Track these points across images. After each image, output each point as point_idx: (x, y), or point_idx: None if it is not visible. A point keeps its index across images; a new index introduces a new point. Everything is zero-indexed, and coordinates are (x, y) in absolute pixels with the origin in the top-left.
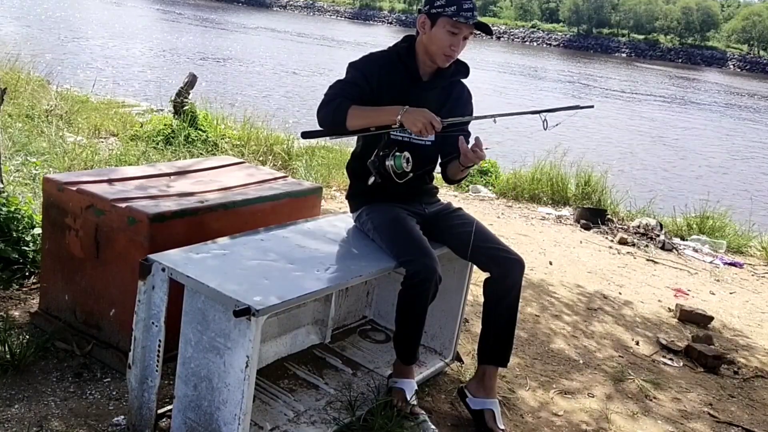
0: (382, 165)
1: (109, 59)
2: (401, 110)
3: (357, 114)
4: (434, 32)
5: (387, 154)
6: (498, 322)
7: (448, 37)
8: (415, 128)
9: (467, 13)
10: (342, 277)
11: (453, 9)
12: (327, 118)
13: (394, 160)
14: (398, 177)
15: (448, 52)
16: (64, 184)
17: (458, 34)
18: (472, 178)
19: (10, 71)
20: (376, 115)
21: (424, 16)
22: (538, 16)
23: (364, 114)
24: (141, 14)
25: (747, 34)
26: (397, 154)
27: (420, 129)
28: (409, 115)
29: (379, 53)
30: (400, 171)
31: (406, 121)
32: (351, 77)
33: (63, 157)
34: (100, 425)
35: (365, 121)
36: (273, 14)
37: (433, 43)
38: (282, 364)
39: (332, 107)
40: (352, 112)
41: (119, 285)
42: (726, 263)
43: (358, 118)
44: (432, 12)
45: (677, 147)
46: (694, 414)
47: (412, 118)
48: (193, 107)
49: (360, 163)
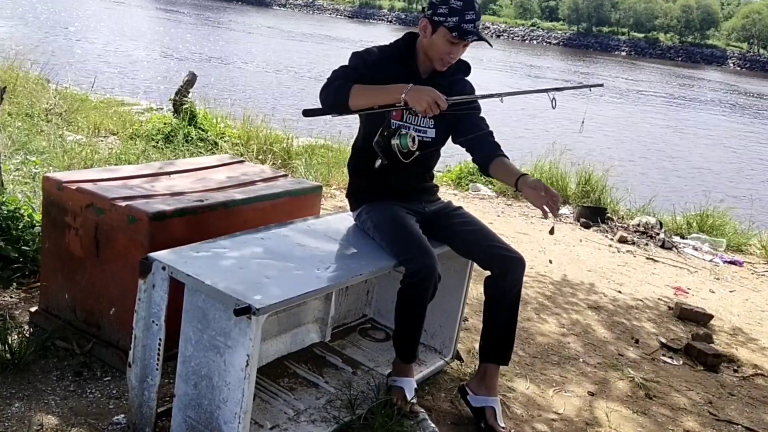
0: (387, 144)
1: (108, 58)
2: (406, 88)
3: (360, 93)
4: (434, 39)
5: (393, 133)
6: (499, 321)
7: (447, 45)
8: (420, 107)
9: (468, 25)
10: (342, 276)
11: (455, 20)
12: (329, 97)
13: (400, 139)
14: (404, 156)
15: (447, 60)
16: (63, 182)
17: (457, 44)
18: (472, 177)
19: (9, 70)
20: (379, 93)
21: (426, 20)
22: (537, 15)
23: (368, 92)
24: (140, 13)
25: (747, 32)
26: (403, 132)
27: (425, 108)
28: (414, 93)
29: (382, 47)
30: (405, 150)
31: (410, 99)
32: (353, 63)
33: (63, 155)
34: (100, 424)
35: (369, 99)
36: (273, 13)
37: (433, 49)
38: (282, 362)
39: (334, 87)
40: (356, 91)
41: (119, 284)
42: (726, 261)
43: (362, 97)
44: (434, 19)
45: (677, 145)
46: (693, 412)
47: (416, 96)
48: (193, 106)
49: (361, 158)
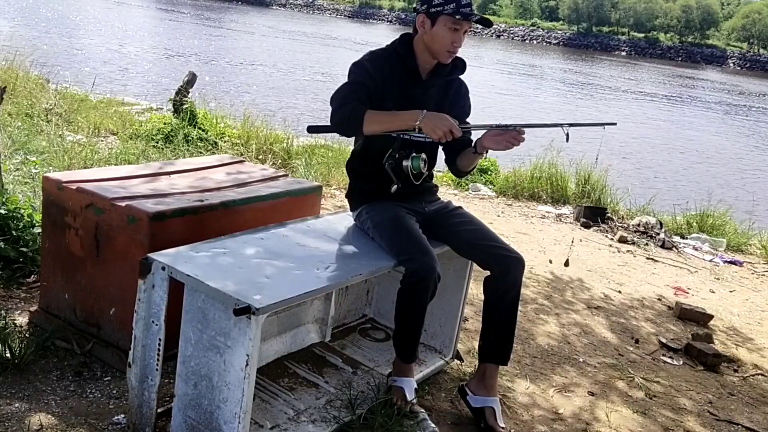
0: (399, 166)
1: (108, 58)
2: (420, 116)
3: (374, 119)
4: (435, 31)
5: (404, 155)
6: (498, 321)
7: (449, 34)
8: (435, 135)
9: (466, 9)
10: (342, 276)
11: (452, 7)
12: (342, 122)
13: (412, 161)
14: (415, 178)
15: (451, 49)
16: (63, 182)
17: (459, 29)
18: (472, 177)
19: (9, 70)
20: (395, 120)
21: (423, 15)
22: (537, 15)
23: (382, 119)
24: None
25: (747, 32)
26: (415, 155)
27: (440, 136)
28: (429, 121)
29: (380, 51)
30: (417, 172)
31: (425, 128)
32: (357, 77)
33: (62, 155)
34: (100, 424)
35: (383, 126)
36: (273, 13)
37: (435, 41)
38: (282, 362)
39: (347, 111)
40: (369, 117)
41: (119, 283)
42: (726, 261)
43: (376, 124)
44: (431, 11)
45: (677, 145)
46: (693, 412)
47: (431, 125)
48: (193, 106)
49: (360, 162)
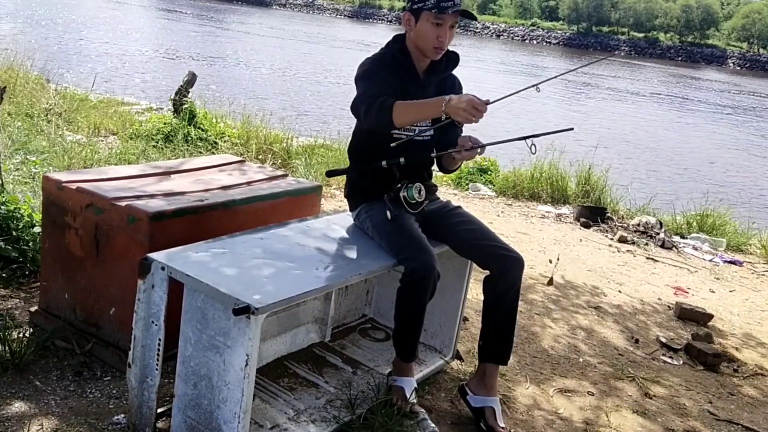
0: (397, 197)
1: (108, 58)
2: (444, 101)
3: (404, 110)
4: (419, 27)
5: (400, 187)
6: (498, 320)
7: (433, 29)
8: (460, 117)
9: (447, 2)
10: (341, 275)
11: (432, 2)
12: (373, 115)
13: (407, 191)
14: (412, 207)
15: (437, 44)
16: (63, 182)
17: (443, 24)
18: (471, 177)
19: (9, 70)
20: (422, 110)
21: (408, 13)
22: (537, 15)
23: (411, 109)
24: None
25: (747, 32)
26: (409, 185)
27: (465, 117)
28: (452, 105)
29: (377, 56)
30: (413, 201)
31: (451, 112)
32: (375, 75)
33: (62, 155)
34: (100, 424)
35: (412, 116)
36: (273, 13)
37: (421, 38)
38: (282, 362)
39: (377, 107)
40: (398, 107)
41: (119, 283)
42: (726, 261)
43: (406, 114)
44: (414, 8)
45: (677, 145)
46: (693, 412)
47: (454, 109)
48: (193, 106)
49: (360, 161)
